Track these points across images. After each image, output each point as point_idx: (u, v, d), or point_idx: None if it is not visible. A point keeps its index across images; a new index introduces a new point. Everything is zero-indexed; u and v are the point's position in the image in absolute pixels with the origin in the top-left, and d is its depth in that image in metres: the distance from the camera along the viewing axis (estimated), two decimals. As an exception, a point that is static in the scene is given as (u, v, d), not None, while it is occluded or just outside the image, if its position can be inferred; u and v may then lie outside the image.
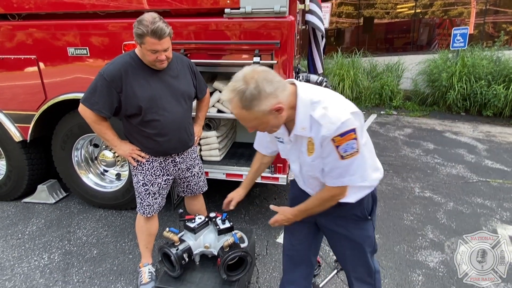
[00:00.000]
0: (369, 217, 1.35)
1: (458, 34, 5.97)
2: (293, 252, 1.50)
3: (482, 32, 8.62)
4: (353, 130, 1.08)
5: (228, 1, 2.15)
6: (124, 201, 2.86)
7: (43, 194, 3.07)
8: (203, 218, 1.88)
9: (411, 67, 6.90)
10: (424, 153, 4.32)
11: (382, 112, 6.43)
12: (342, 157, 1.11)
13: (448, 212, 2.92)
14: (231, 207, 1.62)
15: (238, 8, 2.13)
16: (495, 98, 5.55)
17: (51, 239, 2.55)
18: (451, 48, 6.18)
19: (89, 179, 2.94)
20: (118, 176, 3.01)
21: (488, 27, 8.85)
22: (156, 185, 1.93)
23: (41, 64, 2.56)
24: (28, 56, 2.55)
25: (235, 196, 1.62)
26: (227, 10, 2.15)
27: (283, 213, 1.37)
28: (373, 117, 6.17)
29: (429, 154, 4.27)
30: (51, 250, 2.43)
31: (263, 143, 1.55)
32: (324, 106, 1.10)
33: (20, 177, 2.99)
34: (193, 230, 1.81)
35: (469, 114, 6.02)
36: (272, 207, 1.42)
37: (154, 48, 1.65)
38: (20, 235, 2.61)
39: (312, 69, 3.92)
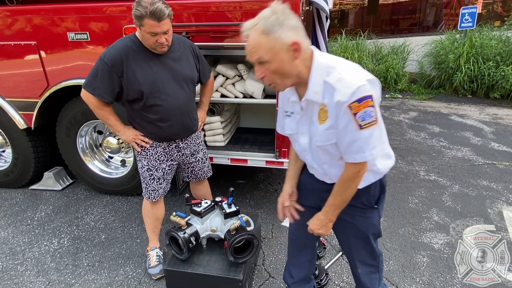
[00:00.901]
0: (376, 206, 1.31)
1: (467, 14, 5.79)
2: (296, 236, 1.50)
3: (491, 11, 8.35)
4: (370, 97, 1.03)
5: (230, -19, 2.08)
6: (129, 187, 2.89)
7: (49, 181, 3.10)
8: (209, 202, 1.89)
9: (417, 48, 6.75)
10: (430, 136, 4.28)
11: (387, 96, 6.34)
12: (361, 127, 1.04)
13: (453, 194, 2.91)
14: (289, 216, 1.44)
15: (241, -12, 2.07)
16: (503, 79, 5.43)
17: (60, 225, 2.59)
18: (459, 28, 6.01)
19: (95, 165, 2.96)
20: (123, 162, 3.02)
21: (497, 6, 8.57)
22: (160, 170, 1.93)
23: (42, 50, 2.53)
24: (28, 42, 2.52)
25: (285, 199, 1.42)
26: (229, -10, 2.09)
27: (316, 219, 1.29)
28: (377, 100, 6.09)
29: (435, 137, 4.24)
30: (60, 235, 2.47)
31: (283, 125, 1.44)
32: (339, 71, 1.06)
33: (26, 165, 3.02)
34: (200, 214, 1.82)
35: (476, 96, 5.92)
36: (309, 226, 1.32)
37: (153, 31, 1.61)
38: (29, 221, 2.65)
39: (316, 51, 3.85)
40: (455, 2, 9.34)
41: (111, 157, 3.05)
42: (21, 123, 2.81)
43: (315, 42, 3.89)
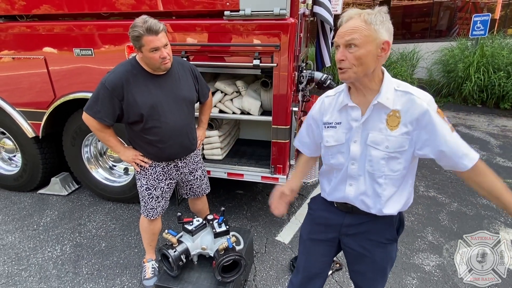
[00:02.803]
0: (397, 238, 1.31)
1: (479, 21, 5.66)
2: (309, 266, 1.45)
3: (505, 16, 8.11)
4: (438, 107, 1.12)
5: (227, 4, 2.13)
6: (131, 195, 2.99)
7: (56, 186, 3.24)
8: (200, 220, 1.95)
9: (427, 55, 6.64)
10: (433, 149, 4.23)
11: (394, 103, 6.28)
12: (452, 129, 1.10)
13: (451, 213, 2.90)
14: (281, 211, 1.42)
15: (238, 11, 2.11)
16: (514, 90, 5.31)
17: (64, 231, 2.71)
18: (470, 36, 5.89)
19: (99, 173, 3.07)
20: (126, 170, 3.13)
21: (514, 10, 8.31)
22: (159, 189, 2.00)
23: (49, 64, 2.64)
24: (37, 56, 2.64)
25: (286, 190, 1.39)
26: (226, 13, 2.13)
27: None
28: (384, 108, 6.04)
29: (438, 150, 4.19)
30: (63, 241, 2.59)
31: (309, 143, 1.38)
32: (406, 84, 1.15)
33: (34, 170, 3.16)
34: (191, 232, 1.89)
35: (485, 106, 5.80)
36: None
37: (154, 46, 1.66)
38: (35, 226, 2.79)
39: (320, 62, 3.86)
40: (470, 6, 9.11)
41: (114, 166, 3.15)
42: (29, 132, 2.94)
43: (319, 53, 3.90)
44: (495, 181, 1.12)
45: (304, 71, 2.80)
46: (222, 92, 2.60)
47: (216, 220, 1.93)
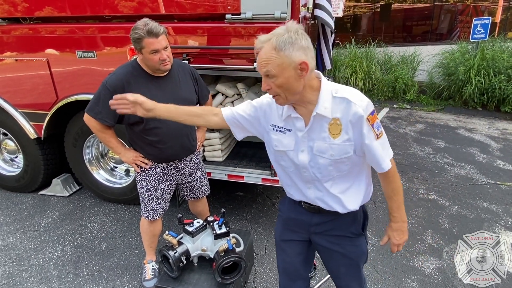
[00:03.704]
0: (363, 233, 1.36)
1: (479, 25, 5.68)
2: (287, 267, 1.49)
3: (506, 20, 8.13)
4: (374, 111, 1.15)
5: (229, 7, 2.15)
6: (132, 197, 3.00)
7: (57, 188, 3.25)
8: (201, 222, 1.96)
9: (428, 58, 6.65)
10: (434, 152, 4.24)
11: (395, 106, 6.29)
12: (377, 136, 1.15)
13: (451, 216, 2.90)
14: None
15: (239, 14, 2.13)
16: (514, 93, 5.31)
17: (64, 232, 2.72)
18: (470, 39, 5.91)
19: (100, 175, 3.09)
20: (127, 172, 3.14)
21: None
22: (159, 190, 2.01)
23: (52, 66, 2.66)
24: (39, 58, 2.66)
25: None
26: (228, 16, 2.15)
27: (393, 231, 1.33)
28: (385, 110, 6.05)
29: (439, 153, 4.20)
30: (64, 242, 2.60)
31: (237, 117, 1.33)
32: (345, 89, 1.16)
33: (36, 171, 3.17)
34: (191, 234, 1.90)
35: (486, 109, 5.80)
36: (382, 243, 1.39)
37: (154, 48, 1.70)
38: (36, 227, 2.80)
39: (320, 64, 3.87)
40: (471, 9, 9.13)
41: (116, 167, 3.17)
42: (31, 133, 2.96)
43: (320, 55, 3.92)
44: (394, 190, 1.27)
45: (305, 73, 2.82)
46: (223, 94, 2.62)
47: (217, 222, 1.94)
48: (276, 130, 1.25)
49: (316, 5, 3.18)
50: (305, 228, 1.38)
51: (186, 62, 2.26)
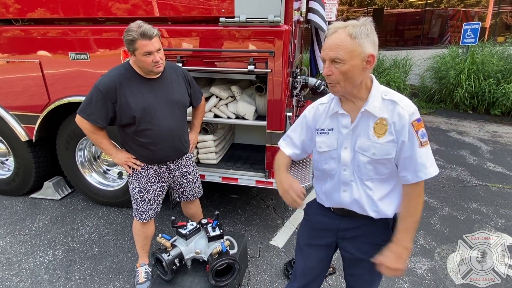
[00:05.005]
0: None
1: (469, 30, 5.80)
2: (308, 273, 1.46)
3: (495, 25, 8.31)
4: (421, 119, 1.15)
5: (223, 10, 2.16)
6: (124, 200, 2.98)
7: (49, 191, 3.21)
8: (194, 224, 1.96)
9: (419, 62, 6.76)
10: (426, 154, 4.29)
11: (387, 109, 6.36)
12: (421, 144, 1.13)
13: (442, 217, 2.94)
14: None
15: (233, 17, 2.15)
16: (503, 97, 5.43)
17: (56, 236, 2.69)
18: (461, 44, 6.02)
19: (92, 177, 3.06)
20: (120, 174, 3.11)
21: (506, 16, 8.50)
22: (151, 192, 2.01)
23: (44, 68, 2.64)
24: (32, 60, 2.63)
25: (295, 181, 1.27)
26: (222, 19, 2.16)
27: (390, 253, 1.19)
28: (377, 113, 6.11)
29: (431, 155, 4.25)
30: (55, 246, 2.57)
31: (297, 142, 1.37)
32: (394, 93, 1.18)
33: (27, 174, 3.13)
34: (185, 236, 1.89)
35: (476, 112, 5.91)
36: (372, 260, 1.24)
37: (147, 50, 1.70)
38: (27, 231, 2.76)
39: (314, 68, 3.91)
40: (461, 14, 9.32)
41: (108, 170, 3.14)
42: (23, 135, 2.92)
43: (313, 59, 3.96)
44: (414, 207, 1.20)
45: (299, 77, 2.84)
46: (217, 97, 2.63)
47: (210, 224, 1.94)
48: (320, 133, 1.28)
49: (309, 9, 3.22)
50: (332, 232, 1.35)
51: (180, 64, 2.27)
